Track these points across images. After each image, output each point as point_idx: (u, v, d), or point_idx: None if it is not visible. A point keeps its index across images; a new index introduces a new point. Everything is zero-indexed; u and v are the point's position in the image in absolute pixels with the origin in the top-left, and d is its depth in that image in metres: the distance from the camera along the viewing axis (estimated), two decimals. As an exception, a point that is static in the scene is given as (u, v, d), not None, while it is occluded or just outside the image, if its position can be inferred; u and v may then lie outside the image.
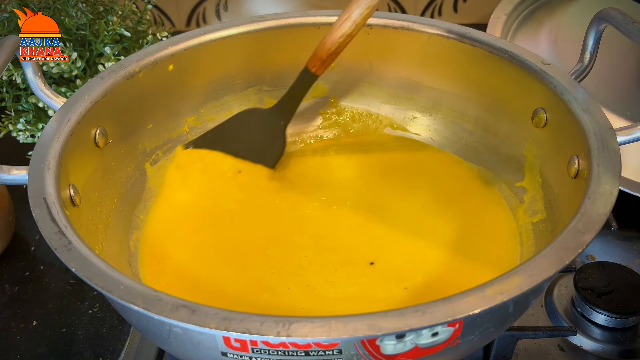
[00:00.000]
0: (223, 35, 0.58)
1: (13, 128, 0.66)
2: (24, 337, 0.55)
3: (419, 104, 0.63)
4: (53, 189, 0.41)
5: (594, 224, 0.37)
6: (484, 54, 0.55)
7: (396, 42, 0.60)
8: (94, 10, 0.67)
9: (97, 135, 0.50)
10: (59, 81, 0.67)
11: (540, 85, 0.51)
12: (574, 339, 0.52)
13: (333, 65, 0.62)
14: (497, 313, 0.37)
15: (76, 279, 0.59)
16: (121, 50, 0.67)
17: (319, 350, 0.33)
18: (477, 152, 0.59)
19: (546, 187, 0.51)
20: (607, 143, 0.43)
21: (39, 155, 0.43)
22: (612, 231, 0.62)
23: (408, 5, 0.96)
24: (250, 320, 0.32)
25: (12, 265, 0.62)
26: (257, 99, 0.63)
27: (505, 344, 0.49)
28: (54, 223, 0.38)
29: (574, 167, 0.46)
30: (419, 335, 0.34)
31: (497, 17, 0.75)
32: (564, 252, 0.36)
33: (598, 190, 0.40)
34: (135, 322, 0.41)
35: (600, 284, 0.53)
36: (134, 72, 0.53)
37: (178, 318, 0.32)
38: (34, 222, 0.38)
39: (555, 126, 0.51)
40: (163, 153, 0.58)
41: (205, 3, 0.96)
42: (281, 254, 0.51)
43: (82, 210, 0.46)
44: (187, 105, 0.60)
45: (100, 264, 0.36)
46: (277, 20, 0.59)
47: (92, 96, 0.49)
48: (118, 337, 0.55)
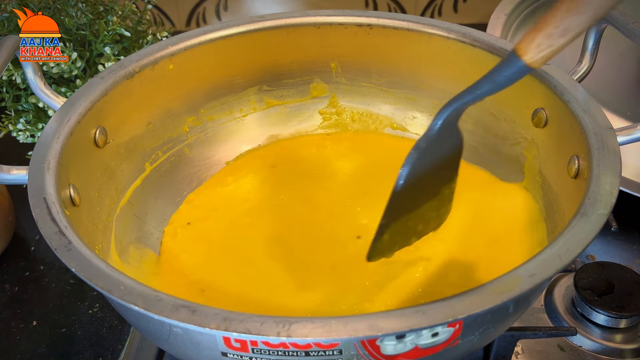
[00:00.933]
0: (223, 35, 0.58)
1: (13, 128, 0.66)
2: (24, 337, 0.55)
3: (419, 104, 0.63)
4: (53, 189, 0.41)
5: (594, 224, 0.37)
6: (484, 54, 0.55)
7: (396, 42, 0.60)
8: (94, 10, 0.67)
9: (97, 135, 0.50)
10: (59, 81, 0.67)
11: (540, 85, 0.51)
12: (574, 339, 0.52)
13: (333, 65, 0.62)
14: (497, 313, 0.37)
15: (76, 279, 0.59)
16: (121, 50, 0.67)
17: (319, 351, 0.33)
18: (477, 152, 0.59)
19: (546, 187, 0.51)
20: (607, 143, 0.43)
21: (39, 155, 0.43)
22: (612, 231, 0.62)
23: (408, 5, 0.96)
24: (250, 320, 0.32)
25: (12, 265, 0.62)
26: (257, 99, 0.63)
27: (505, 344, 0.49)
28: (54, 223, 0.38)
29: (574, 167, 0.46)
30: (419, 336, 0.34)
31: (497, 17, 0.75)
32: (564, 252, 0.36)
33: (598, 190, 0.40)
34: (135, 322, 0.41)
35: (600, 284, 0.53)
36: (134, 72, 0.53)
37: (178, 318, 0.32)
38: (34, 222, 0.38)
39: (555, 126, 0.51)
40: (163, 153, 0.58)
41: (205, 3, 0.96)
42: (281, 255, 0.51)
43: (82, 210, 0.46)
44: (187, 105, 0.60)
45: (100, 264, 0.36)
46: (277, 20, 0.59)
47: (92, 96, 0.49)
48: (118, 337, 0.55)
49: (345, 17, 0.59)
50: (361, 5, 0.96)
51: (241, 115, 0.63)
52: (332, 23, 0.59)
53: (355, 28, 0.59)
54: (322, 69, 0.63)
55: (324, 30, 0.60)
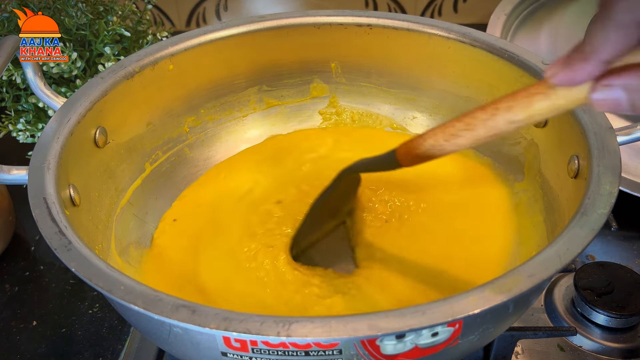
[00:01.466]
0: (223, 35, 0.58)
1: (13, 128, 0.66)
2: (24, 337, 0.55)
3: (419, 104, 0.63)
4: (53, 189, 0.41)
5: (594, 224, 0.37)
6: (484, 54, 0.55)
7: (396, 42, 0.60)
8: (94, 10, 0.67)
9: (97, 135, 0.50)
10: (59, 81, 0.67)
11: (540, 85, 0.51)
12: (574, 339, 0.52)
13: (333, 65, 0.62)
14: (497, 313, 0.37)
15: (76, 279, 0.59)
16: (121, 50, 0.67)
17: (319, 350, 0.33)
18: (477, 152, 0.59)
19: (546, 187, 0.51)
20: (607, 143, 0.43)
21: (39, 155, 0.43)
22: (612, 231, 0.62)
23: (408, 5, 0.96)
24: (250, 320, 0.32)
25: (12, 265, 0.62)
26: (257, 99, 0.63)
27: (505, 344, 0.49)
28: (54, 223, 0.38)
29: (574, 167, 0.46)
30: (419, 336, 0.34)
31: (497, 17, 0.75)
32: (564, 252, 0.36)
33: (598, 190, 0.40)
34: (135, 322, 0.41)
35: (600, 284, 0.53)
36: (134, 72, 0.53)
37: (178, 318, 0.32)
38: (34, 222, 0.38)
39: (555, 126, 0.51)
40: (163, 153, 0.58)
41: (205, 3, 0.96)
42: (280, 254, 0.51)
43: (82, 210, 0.46)
44: (187, 105, 0.60)
45: (100, 264, 0.36)
46: (277, 20, 0.59)
47: (92, 96, 0.49)
48: (118, 337, 0.55)
49: (345, 17, 0.59)
50: (361, 5, 0.96)
51: (241, 115, 0.63)
52: (332, 23, 0.59)
53: (355, 28, 0.59)
54: (322, 69, 0.63)
55: (324, 30, 0.60)
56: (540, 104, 0.33)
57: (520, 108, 0.34)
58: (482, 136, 0.37)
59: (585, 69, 0.29)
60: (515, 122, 0.35)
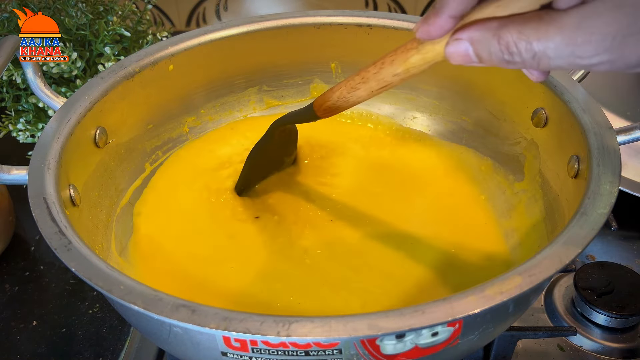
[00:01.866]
0: (223, 35, 0.58)
1: (13, 128, 0.66)
2: (24, 337, 0.55)
3: (418, 104, 0.63)
4: (53, 189, 0.41)
5: (594, 224, 0.37)
6: (483, 54, 0.55)
7: (396, 42, 0.59)
8: (94, 10, 0.67)
9: (97, 135, 0.50)
10: (59, 81, 0.67)
11: (540, 85, 0.51)
12: (574, 339, 0.52)
13: (333, 65, 0.63)
14: (497, 313, 0.37)
15: (76, 279, 0.59)
16: (121, 50, 0.67)
17: (319, 350, 0.33)
18: (477, 151, 0.59)
19: (546, 187, 0.51)
20: (607, 143, 0.43)
21: (39, 155, 0.44)
22: (612, 231, 0.62)
23: (408, 5, 0.96)
24: (250, 320, 0.32)
25: (12, 265, 0.62)
26: (257, 99, 0.63)
27: (505, 344, 0.49)
28: (54, 223, 0.38)
29: (574, 167, 0.46)
30: (419, 335, 0.34)
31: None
32: (564, 252, 0.36)
33: (598, 190, 0.40)
34: (135, 322, 0.41)
35: (600, 284, 0.53)
36: (134, 72, 0.53)
37: (178, 318, 0.32)
38: (34, 222, 0.39)
39: (555, 126, 0.51)
40: (163, 153, 0.58)
41: (205, 3, 0.96)
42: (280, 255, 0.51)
43: (82, 210, 0.46)
44: (187, 105, 0.60)
45: (100, 264, 0.36)
46: (277, 20, 0.59)
47: (92, 96, 0.49)
48: (118, 337, 0.55)
49: (345, 17, 0.59)
50: (361, 5, 0.96)
51: (241, 115, 0.63)
52: (332, 23, 0.59)
53: (355, 28, 0.59)
54: (322, 69, 0.63)
55: (324, 30, 0.60)
56: (414, 58, 0.36)
57: (399, 62, 0.38)
58: (375, 88, 0.40)
59: (437, 23, 0.33)
60: (398, 75, 0.38)
